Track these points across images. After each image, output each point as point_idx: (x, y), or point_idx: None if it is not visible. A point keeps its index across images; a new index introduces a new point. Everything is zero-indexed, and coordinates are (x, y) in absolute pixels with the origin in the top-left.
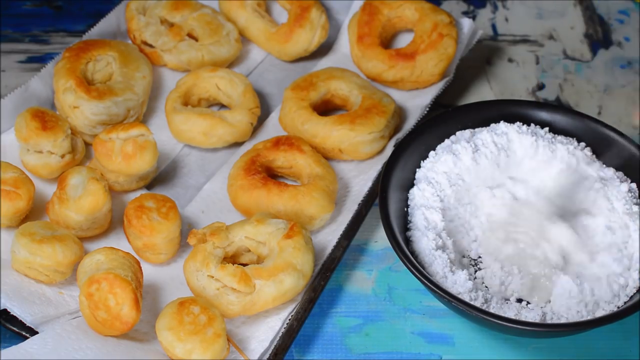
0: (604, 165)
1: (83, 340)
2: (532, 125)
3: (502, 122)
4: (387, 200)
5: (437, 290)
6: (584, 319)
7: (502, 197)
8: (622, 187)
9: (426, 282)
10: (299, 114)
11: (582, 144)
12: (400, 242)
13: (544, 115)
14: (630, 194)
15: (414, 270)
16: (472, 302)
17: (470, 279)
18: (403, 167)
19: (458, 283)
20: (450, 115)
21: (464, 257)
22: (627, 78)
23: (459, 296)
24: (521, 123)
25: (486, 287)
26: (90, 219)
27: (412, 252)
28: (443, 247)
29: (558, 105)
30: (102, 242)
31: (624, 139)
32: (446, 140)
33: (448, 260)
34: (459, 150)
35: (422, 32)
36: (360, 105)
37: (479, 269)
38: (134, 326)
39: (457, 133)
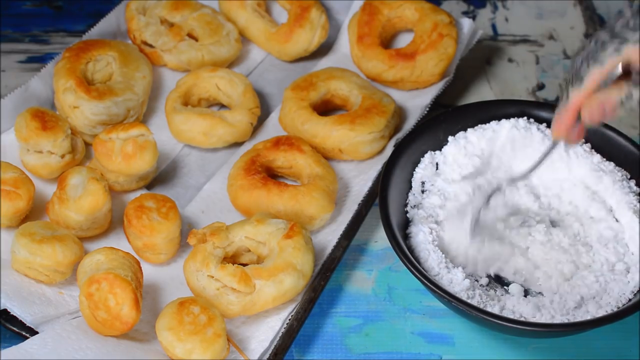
0: (604, 159)
1: (83, 340)
2: (531, 124)
3: (501, 121)
4: (387, 200)
5: (438, 291)
6: (584, 319)
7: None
8: (622, 184)
9: (427, 282)
10: (299, 114)
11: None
12: (400, 243)
13: (543, 115)
14: (630, 192)
15: (414, 272)
16: (469, 301)
17: (468, 278)
18: (403, 167)
19: (454, 282)
20: (450, 115)
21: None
22: None
23: (456, 295)
24: (520, 123)
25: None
26: (90, 219)
27: (410, 250)
28: (441, 246)
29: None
30: (102, 242)
31: (624, 139)
32: (446, 141)
33: (444, 257)
34: (458, 150)
35: (422, 32)
36: (360, 105)
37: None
38: (134, 326)
39: (457, 133)
